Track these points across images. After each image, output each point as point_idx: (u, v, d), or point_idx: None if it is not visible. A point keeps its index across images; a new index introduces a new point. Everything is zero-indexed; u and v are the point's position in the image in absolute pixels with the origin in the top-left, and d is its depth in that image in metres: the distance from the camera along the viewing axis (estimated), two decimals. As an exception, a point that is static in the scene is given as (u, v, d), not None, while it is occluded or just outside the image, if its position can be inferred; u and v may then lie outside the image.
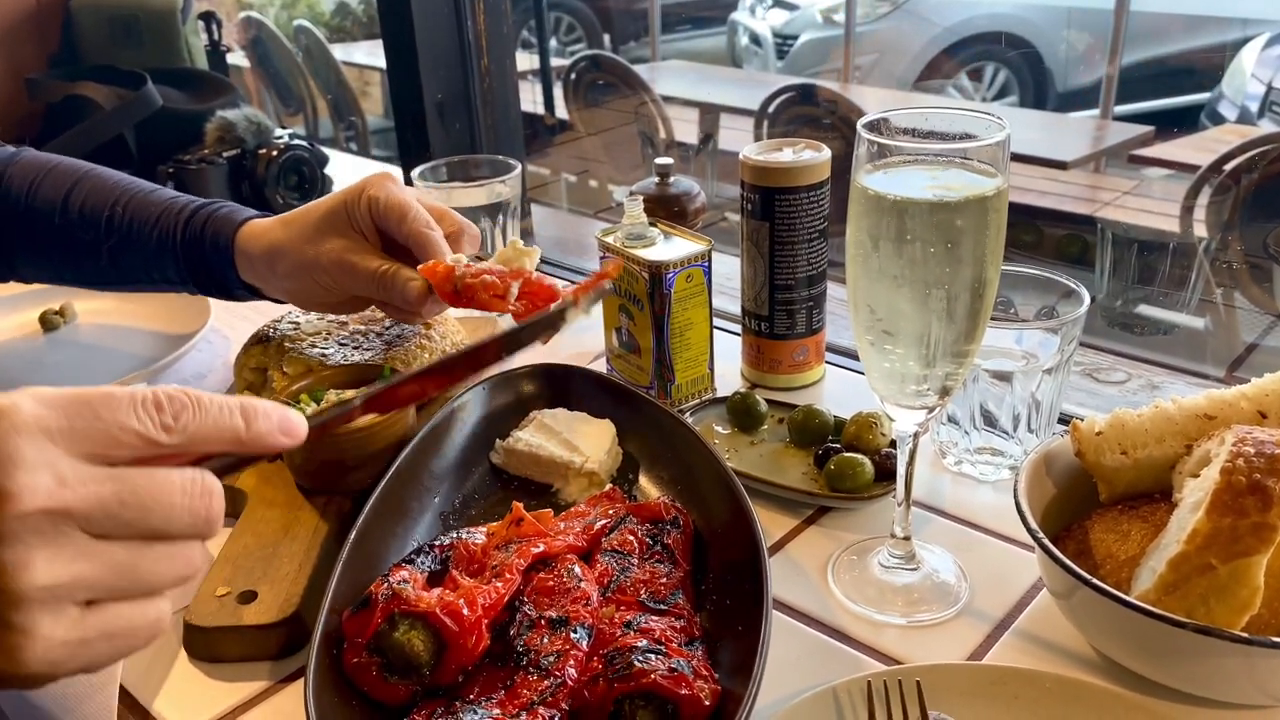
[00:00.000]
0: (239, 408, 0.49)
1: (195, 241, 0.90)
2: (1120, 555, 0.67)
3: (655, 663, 0.59)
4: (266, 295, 0.92)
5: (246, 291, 0.92)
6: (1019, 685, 0.62)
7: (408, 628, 0.62)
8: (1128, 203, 3.27)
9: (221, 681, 0.69)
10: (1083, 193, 3.38)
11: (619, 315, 0.96)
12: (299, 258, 0.86)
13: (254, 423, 0.50)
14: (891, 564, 0.75)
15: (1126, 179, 3.45)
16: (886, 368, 0.66)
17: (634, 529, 0.73)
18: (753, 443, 0.89)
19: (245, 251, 0.89)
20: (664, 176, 1.08)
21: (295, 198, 1.49)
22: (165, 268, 0.93)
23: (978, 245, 0.60)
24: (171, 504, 0.46)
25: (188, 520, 0.47)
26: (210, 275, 0.92)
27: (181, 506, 0.46)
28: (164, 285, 0.96)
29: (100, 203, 0.94)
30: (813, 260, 0.95)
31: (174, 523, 0.46)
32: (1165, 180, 3.31)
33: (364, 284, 0.85)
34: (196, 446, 0.48)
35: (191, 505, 0.47)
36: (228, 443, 0.49)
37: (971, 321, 0.63)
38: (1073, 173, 3.32)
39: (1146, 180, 3.41)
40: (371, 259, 0.85)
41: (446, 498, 0.81)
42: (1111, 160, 3.54)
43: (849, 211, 0.64)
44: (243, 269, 0.90)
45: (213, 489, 0.48)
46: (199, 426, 0.47)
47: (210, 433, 0.48)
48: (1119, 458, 0.70)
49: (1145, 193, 3.32)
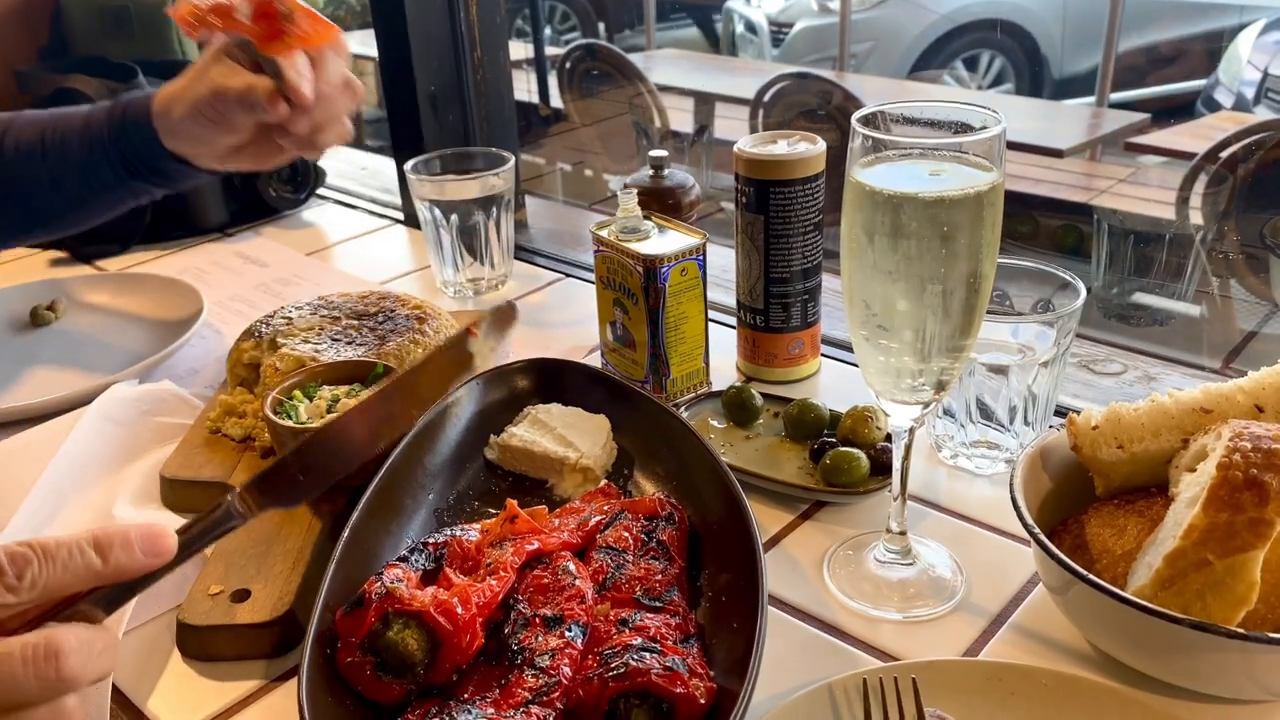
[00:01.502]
0: (92, 543, 0.49)
1: (121, 131, 0.93)
2: (1116, 550, 0.67)
3: (650, 661, 0.59)
4: (198, 166, 0.94)
5: (177, 165, 0.94)
6: (1015, 681, 0.62)
7: (401, 627, 0.62)
8: (1123, 190, 3.26)
9: (215, 680, 0.69)
10: (1078, 180, 3.37)
11: (613, 309, 0.96)
12: (190, 95, 0.89)
13: (111, 556, 0.49)
14: (887, 559, 0.74)
15: (1122, 167, 3.45)
16: (882, 363, 0.65)
17: (629, 525, 0.73)
18: (748, 437, 0.89)
19: (160, 114, 0.91)
20: (658, 169, 1.07)
21: (288, 190, 1.49)
22: (101, 172, 0.94)
23: (973, 239, 0.60)
24: (14, 676, 0.46)
25: (36, 687, 0.46)
26: (141, 159, 0.94)
27: (25, 676, 0.46)
28: (106, 196, 0.97)
29: (32, 135, 0.96)
30: (808, 253, 0.94)
31: (22, 692, 0.46)
32: (1161, 168, 3.30)
33: (234, 104, 0.87)
34: (53, 595, 0.48)
35: (37, 672, 0.46)
36: (88, 582, 0.49)
37: (967, 316, 0.62)
38: (1068, 161, 3.31)
39: (1142, 168, 3.40)
40: (238, 77, 0.87)
41: (441, 494, 0.81)
42: (1107, 148, 3.53)
43: (843, 206, 0.63)
44: (165, 137, 0.92)
45: (59, 648, 0.46)
46: (49, 578, 0.47)
47: (64, 579, 0.48)
48: (1115, 452, 0.70)
49: (1141, 180, 3.31)
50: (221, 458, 0.87)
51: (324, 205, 1.55)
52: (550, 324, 1.16)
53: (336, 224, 1.48)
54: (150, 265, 1.35)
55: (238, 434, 0.89)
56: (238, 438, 0.89)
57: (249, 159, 0.94)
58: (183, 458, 0.88)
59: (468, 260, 1.21)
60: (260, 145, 0.93)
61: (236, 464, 0.86)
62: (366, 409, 0.58)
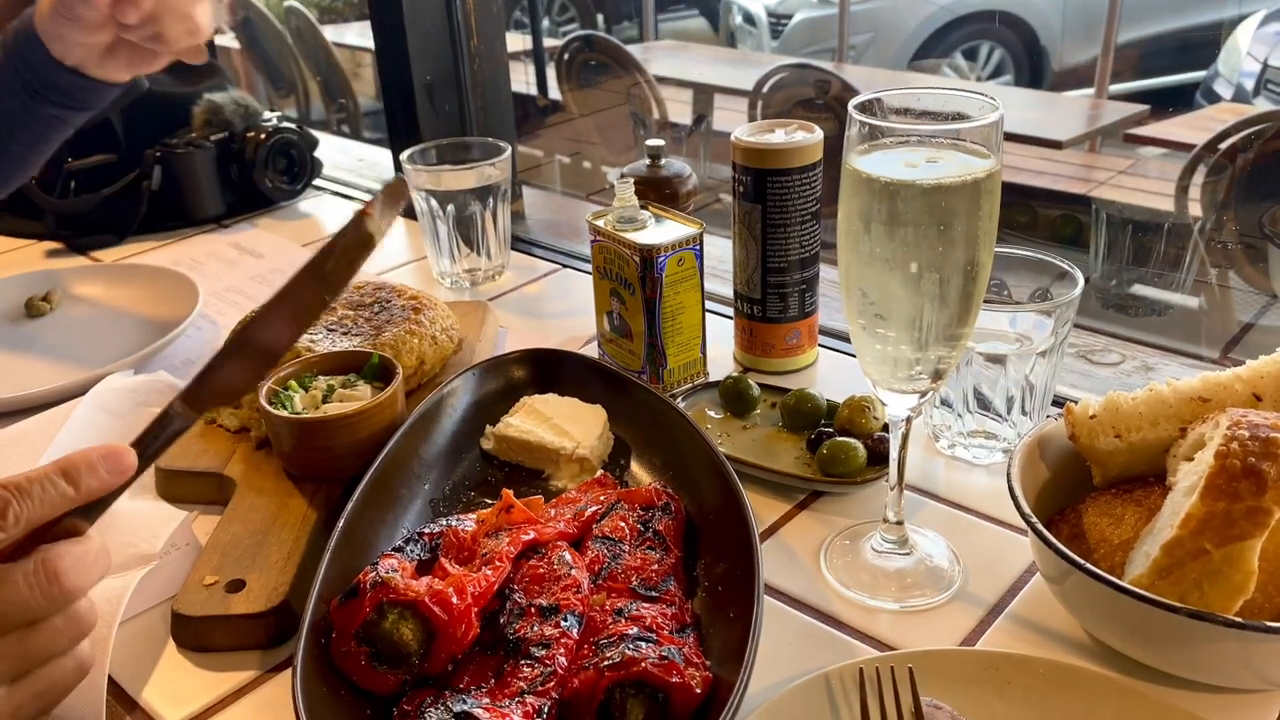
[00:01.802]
0: (60, 473, 0.53)
1: (15, 49, 0.91)
2: (1114, 539, 0.67)
3: (646, 650, 0.59)
4: (90, 76, 0.92)
5: (71, 77, 0.92)
6: (1012, 670, 0.62)
7: (396, 617, 0.61)
8: (1122, 182, 3.25)
9: (210, 671, 0.68)
10: (1077, 172, 3.36)
11: (610, 299, 0.95)
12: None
13: (80, 482, 0.54)
14: (884, 549, 0.74)
15: (1122, 158, 3.44)
16: (879, 352, 0.65)
17: (625, 515, 0.73)
18: (745, 427, 0.89)
19: (39, 20, 0.90)
20: (655, 158, 1.07)
21: (285, 181, 1.48)
22: (8, 104, 0.93)
23: (971, 227, 0.60)
24: (22, 598, 0.51)
25: (45, 603, 0.52)
26: (39, 78, 0.92)
27: (32, 596, 0.52)
28: (22, 134, 0.96)
29: None
30: (805, 242, 0.94)
31: (33, 610, 0.52)
32: (1160, 159, 3.30)
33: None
34: (36, 525, 0.53)
35: (43, 590, 0.52)
36: (64, 508, 0.54)
37: (964, 305, 0.62)
38: (1067, 152, 3.30)
39: (1141, 159, 3.39)
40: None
41: (436, 485, 0.80)
42: (1107, 139, 3.52)
43: (840, 194, 0.63)
44: (49, 44, 0.90)
45: (56, 567, 0.52)
46: (30, 511, 0.52)
47: (44, 511, 0.53)
48: (1113, 441, 0.70)
49: (1140, 172, 3.31)
50: (217, 448, 0.87)
51: (320, 196, 1.54)
52: (547, 314, 1.15)
53: (333, 215, 1.48)
54: (146, 256, 1.35)
55: (233, 424, 0.89)
56: (233, 428, 0.89)
57: (123, 62, 0.92)
58: (178, 448, 0.87)
59: (464, 251, 1.20)
60: (131, 47, 0.91)
61: (232, 454, 0.86)
62: (281, 300, 0.62)
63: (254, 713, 0.65)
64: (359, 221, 0.63)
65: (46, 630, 0.53)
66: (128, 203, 1.39)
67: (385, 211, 0.64)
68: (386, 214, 0.64)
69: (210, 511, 0.83)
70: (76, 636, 0.55)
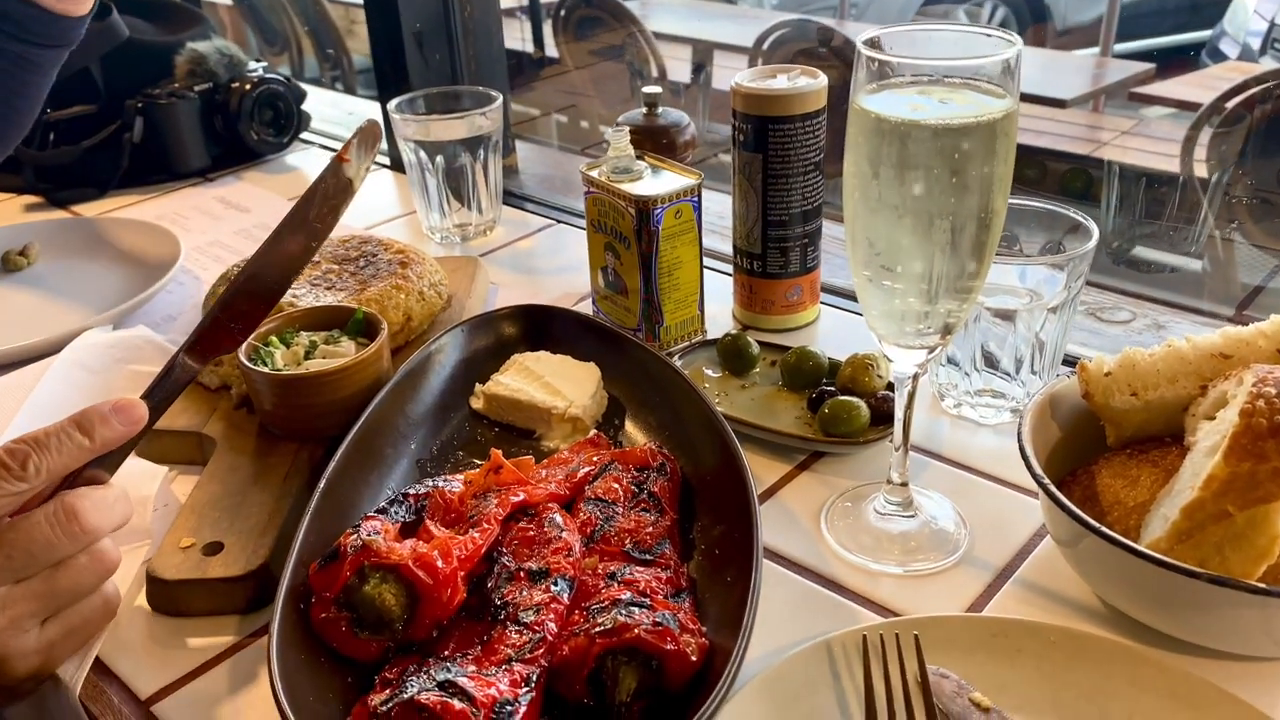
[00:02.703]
0: (76, 426, 0.56)
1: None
2: (1129, 501, 0.64)
3: (639, 616, 0.56)
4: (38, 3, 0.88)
5: (21, 5, 0.88)
6: (1021, 637, 0.59)
7: (378, 581, 0.59)
8: (1126, 143, 3.20)
9: (186, 636, 0.66)
10: (1081, 132, 3.30)
11: (605, 254, 0.92)
12: None
13: (95, 432, 0.56)
14: (888, 511, 0.71)
15: (1126, 118, 3.38)
16: (886, 305, 0.62)
17: (619, 476, 0.70)
18: (744, 386, 0.85)
19: None
20: (652, 107, 1.03)
21: (271, 134, 1.44)
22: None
23: (985, 172, 0.56)
24: (46, 539, 0.54)
25: (68, 542, 0.55)
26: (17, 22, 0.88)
27: (55, 536, 0.54)
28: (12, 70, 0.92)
29: None
30: (808, 194, 0.90)
31: (59, 549, 0.54)
32: (1165, 119, 3.24)
33: None
34: (56, 478, 0.55)
35: (63, 528, 0.54)
36: (82, 459, 0.56)
37: (977, 255, 0.59)
38: (1071, 111, 3.25)
39: (1145, 120, 3.34)
40: None
41: (423, 444, 0.77)
42: (1111, 99, 3.47)
43: (847, 137, 0.59)
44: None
45: (74, 507, 0.55)
46: (49, 463, 0.55)
47: (63, 461, 0.55)
48: (1129, 399, 0.67)
49: (1144, 132, 3.25)
50: (197, 406, 0.84)
51: (308, 149, 1.50)
52: (540, 271, 1.12)
53: (320, 168, 1.43)
54: (128, 210, 1.31)
55: (213, 382, 0.86)
56: (213, 386, 0.86)
57: None
58: (156, 406, 0.84)
59: (454, 205, 1.16)
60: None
61: (212, 412, 0.83)
62: (268, 250, 0.65)
63: (232, 681, 0.63)
64: (336, 167, 0.66)
65: (72, 568, 0.55)
66: (109, 155, 1.35)
67: (362, 155, 0.68)
68: (363, 157, 0.69)
69: (189, 471, 0.80)
70: (103, 574, 0.57)
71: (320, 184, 0.67)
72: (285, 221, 0.67)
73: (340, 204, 0.67)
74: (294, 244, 0.67)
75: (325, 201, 0.68)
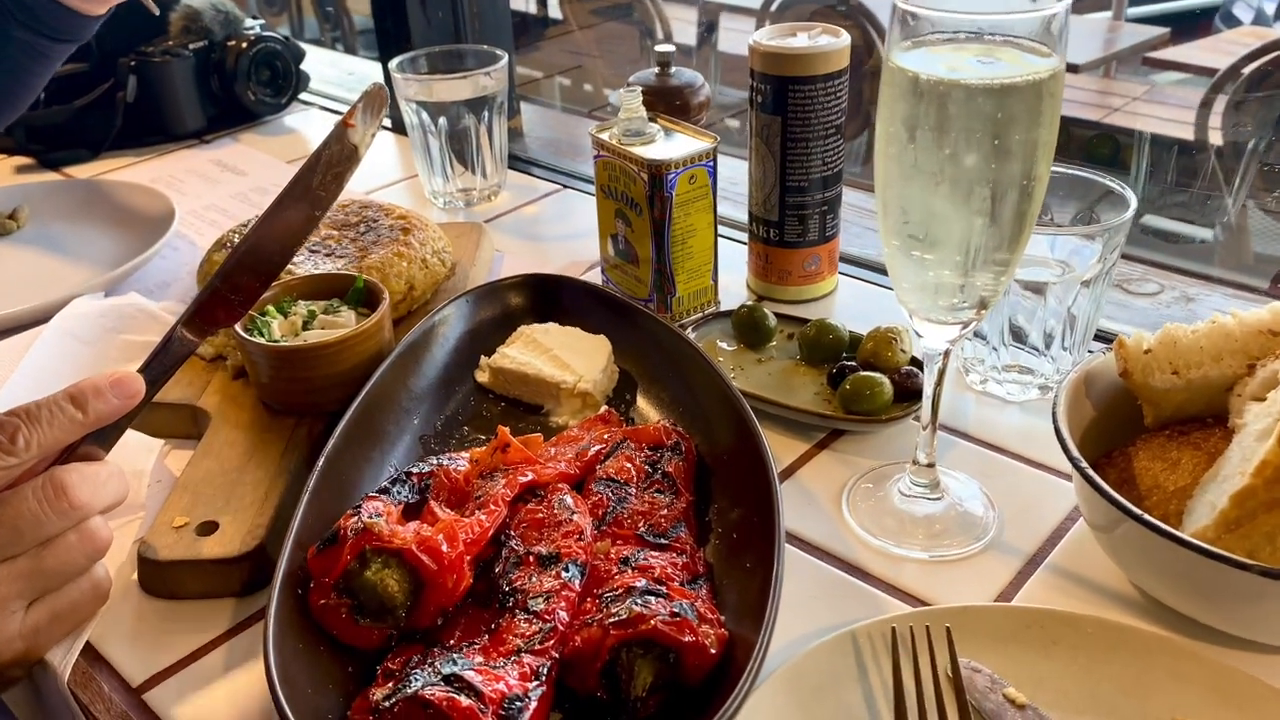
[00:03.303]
0: (69, 399, 0.54)
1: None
2: (1169, 486, 0.61)
3: (656, 606, 0.53)
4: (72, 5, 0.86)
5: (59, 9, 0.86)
6: (1057, 628, 0.56)
7: (380, 566, 0.56)
8: (1139, 109, 3.14)
9: (179, 620, 0.63)
10: (1093, 98, 3.24)
11: (615, 221, 0.88)
12: None
13: (89, 406, 0.54)
14: (913, 493, 0.68)
15: (1138, 84, 3.32)
16: (918, 277, 0.58)
17: (631, 455, 0.67)
18: (760, 360, 0.82)
19: None
20: (665, 66, 0.98)
21: (268, 94, 1.40)
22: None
23: (1029, 136, 0.52)
24: (34, 514, 0.51)
25: (56, 519, 0.52)
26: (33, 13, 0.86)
27: (43, 512, 0.52)
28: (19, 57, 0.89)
29: None
30: (828, 159, 0.86)
31: (47, 526, 0.52)
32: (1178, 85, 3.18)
33: None
34: (48, 452, 0.53)
35: (51, 504, 0.52)
36: (75, 433, 0.54)
37: (1017, 224, 0.55)
38: (1083, 76, 3.19)
39: (1158, 86, 3.27)
40: None
41: (426, 420, 0.74)
42: (1124, 64, 3.40)
43: (881, 98, 0.55)
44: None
45: (63, 482, 0.52)
46: (40, 437, 0.52)
47: (55, 435, 0.53)
48: (1169, 378, 0.63)
49: (1158, 98, 3.19)
50: (191, 378, 0.81)
51: (307, 111, 1.46)
52: (547, 238, 1.08)
53: (319, 130, 1.39)
54: (121, 173, 1.27)
55: (208, 353, 0.82)
56: (208, 357, 0.82)
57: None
58: (149, 378, 0.81)
59: (458, 169, 1.12)
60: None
61: (207, 385, 0.80)
62: (269, 220, 0.63)
63: (227, 667, 0.60)
64: (341, 133, 0.62)
65: (61, 547, 0.53)
66: (101, 115, 1.31)
67: (368, 120, 0.63)
68: (369, 123, 0.64)
69: (183, 446, 0.77)
70: (92, 554, 0.54)
71: (324, 150, 0.64)
72: (287, 190, 0.64)
73: (345, 171, 0.64)
74: (296, 213, 0.64)
75: (329, 169, 0.64)
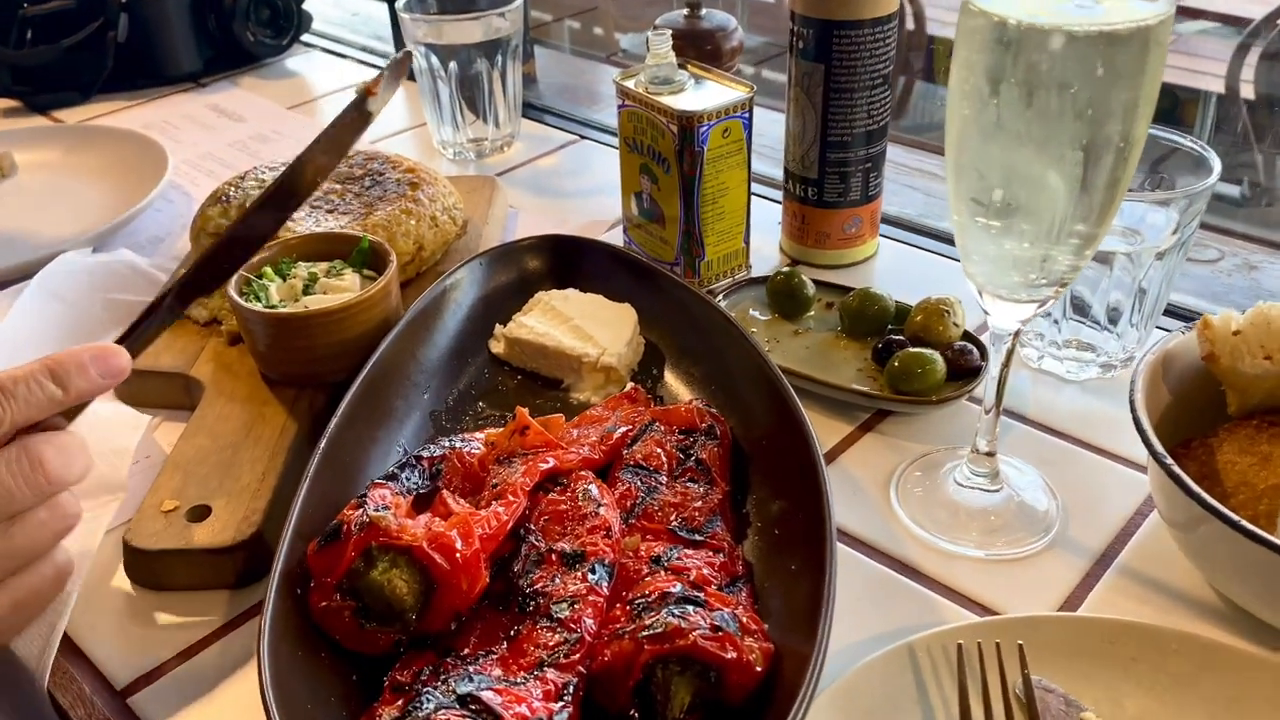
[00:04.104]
0: (49, 374, 0.49)
1: None
2: (1259, 483, 0.55)
3: (694, 618, 0.48)
4: None
5: None
6: (1138, 645, 0.51)
7: (388, 565, 0.50)
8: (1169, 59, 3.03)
9: (168, 615, 0.58)
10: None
11: (640, 177, 0.81)
12: None
13: (70, 385, 0.50)
14: (972, 483, 0.62)
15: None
16: (992, 249, 0.52)
17: (661, 439, 0.61)
18: (797, 332, 0.76)
19: None
20: (694, 8, 0.91)
21: (268, 35, 1.32)
22: None
23: (1131, 92, 0.46)
24: (6, 489, 0.47)
25: (30, 493, 0.48)
26: None
27: (16, 485, 0.47)
28: None
29: None
30: (874, 112, 0.79)
31: (18, 501, 0.48)
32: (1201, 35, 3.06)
33: None
34: (22, 428, 0.49)
35: (26, 479, 0.48)
36: (52, 411, 0.50)
37: (1110, 193, 0.49)
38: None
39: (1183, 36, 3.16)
40: None
41: (437, 394, 0.68)
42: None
43: (957, 46, 0.49)
44: None
45: (39, 454, 0.48)
46: (15, 413, 0.48)
47: (30, 414, 0.49)
48: (1262, 364, 0.57)
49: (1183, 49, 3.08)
50: (183, 343, 0.75)
51: (309, 53, 1.38)
52: (564, 193, 1.01)
53: (323, 74, 1.32)
54: (113, 118, 1.20)
55: (202, 316, 0.77)
56: (202, 321, 0.77)
57: None
58: (137, 343, 0.75)
59: (469, 117, 1.06)
60: None
61: (200, 351, 0.74)
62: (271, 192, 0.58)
63: (220, 668, 0.55)
64: (361, 102, 0.58)
65: (30, 523, 0.49)
66: (92, 56, 1.23)
67: (389, 87, 0.59)
68: (389, 90, 0.59)
69: (174, 418, 0.72)
70: (61, 531, 0.51)
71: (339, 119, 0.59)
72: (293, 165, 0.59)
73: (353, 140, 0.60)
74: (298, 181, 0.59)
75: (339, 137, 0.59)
